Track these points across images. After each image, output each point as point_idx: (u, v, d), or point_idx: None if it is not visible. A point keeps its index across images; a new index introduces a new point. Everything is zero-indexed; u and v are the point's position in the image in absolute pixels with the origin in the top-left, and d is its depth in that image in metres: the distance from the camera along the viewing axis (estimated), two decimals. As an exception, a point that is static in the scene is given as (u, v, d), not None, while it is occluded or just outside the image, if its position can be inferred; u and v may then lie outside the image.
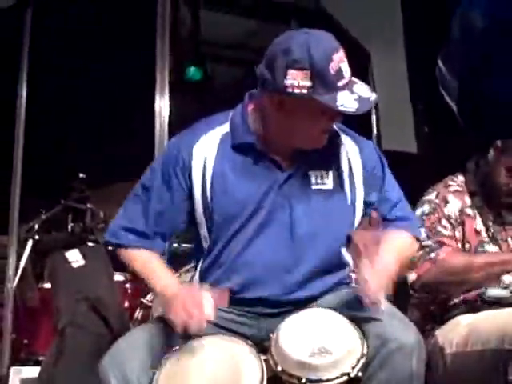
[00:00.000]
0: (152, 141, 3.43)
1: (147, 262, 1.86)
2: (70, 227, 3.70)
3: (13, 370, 2.52)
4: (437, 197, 2.32)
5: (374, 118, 4.23)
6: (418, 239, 1.96)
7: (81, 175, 3.77)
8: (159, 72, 3.23)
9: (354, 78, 1.76)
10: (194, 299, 1.66)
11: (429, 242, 2.22)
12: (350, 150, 1.91)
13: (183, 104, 4.59)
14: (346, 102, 1.70)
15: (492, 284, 2.21)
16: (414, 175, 2.74)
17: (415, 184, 2.42)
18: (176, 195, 1.87)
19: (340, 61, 1.71)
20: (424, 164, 4.13)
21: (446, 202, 2.31)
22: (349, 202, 1.87)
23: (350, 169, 1.89)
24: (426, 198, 2.35)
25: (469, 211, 2.32)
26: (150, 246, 1.88)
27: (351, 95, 1.71)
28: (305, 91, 1.70)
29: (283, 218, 1.83)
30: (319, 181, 1.86)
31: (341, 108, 1.70)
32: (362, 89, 1.74)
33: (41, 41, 3.77)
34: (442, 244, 2.22)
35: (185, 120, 2.01)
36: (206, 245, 1.89)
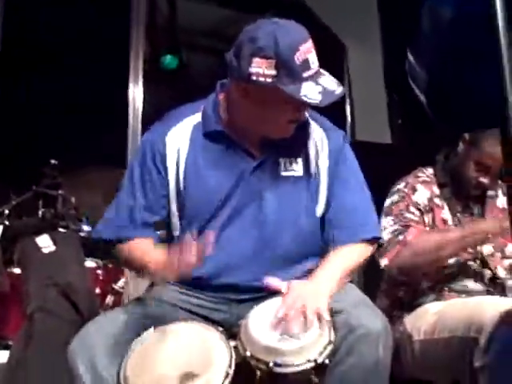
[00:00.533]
0: (125, 129, 3.41)
1: (146, 249, 1.85)
2: (40, 213, 3.67)
3: (-19, 354, 2.50)
4: (405, 186, 2.35)
5: (348, 108, 4.25)
6: (369, 241, 1.91)
7: (52, 161, 3.74)
8: (133, 60, 3.21)
9: (322, 70, 1.76)
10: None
11: (396, 226, 2.24)
12: (319, 139, 1.92)
13: (158, 92, 4.57)
14: (310, 93, 1.70)
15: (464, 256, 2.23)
16: (388, 166, 2.76)
17: (388, 175, 2.45)
18: (157, 185, 1.89)
19: (307, 51, 1.71)
20: (398, 155, 4.15)
21: (415, 190, 2.33)
22: (313, 190, 1.89)
23: (317, 158, 1.90)
24: (396, 187, 2.37)
25: (437, 201, 2.34)
26: (145, 236, 1.88)
27: (316, 86, 1.71)
28: (269, 80, 1.70)
29: (253, 205, 1.85)
30: (288, 167, 1.88)
31: (304, 98, 1.70)
32: (328, 81, 1.74)
33: (13, 25, 3.71)
34: (408, 227, 2.23)
35: (160, 108, 2.02)
36: (177, 232, 1.91)
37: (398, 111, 4.50)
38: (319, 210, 1.90)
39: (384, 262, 2.23)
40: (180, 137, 1.88)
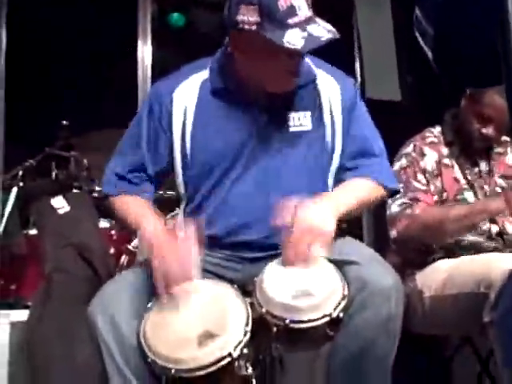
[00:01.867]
0: (135, 88, 3.41)
1: (139, 206, 1.85)
2: (53, 174, 3.70)
3: (1, 313, 2.55)
4: (414, 150, 2.35)
5: (357, 65, 4.20)
6: (384, 186, 1.89)
7: (64, 123, 3.75)
8: (141, 19, 3.18)
9: (315, 18, 1.72)
10: (177, 255, 1.67)
11: (405, 199, 2.25)
12: (331, 88, 1.89)
13: (166, 51, 4.54)
14: (293, 39, 1.66)
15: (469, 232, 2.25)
16: (399, 124, 2.76)
17: (399, 133, 2.45)
18: (161, 140, 1.88)
19: None
20: (408, 113, 4.13)
21: (423, 155, 2.33)
22: (328, 143, 1.87)
23: (331, 109, 1.87)
24: (404, 151, 2.37)
25: (446, 161, 2.35)
26: (140, 192, 1.89)
27: (301, 33, 1.67)
28: (253, 27, 1.69)
29: (263, 163, 1.84)
30: (297, 122, 1.86)
31: (286, 45, 1.66)
32: (317, 28, 1.69)
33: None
34: (416, 200, 2.25)
35: (168, 67, 2.00)
36: (184, 192, 1.92)
37: (408, 68, 4.44)
38: (334, 164, 1.89)
39: (393, 234, 2.26)
40: (187, 94, 1.86)
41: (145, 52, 3.19)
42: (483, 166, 2.39)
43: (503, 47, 1.02)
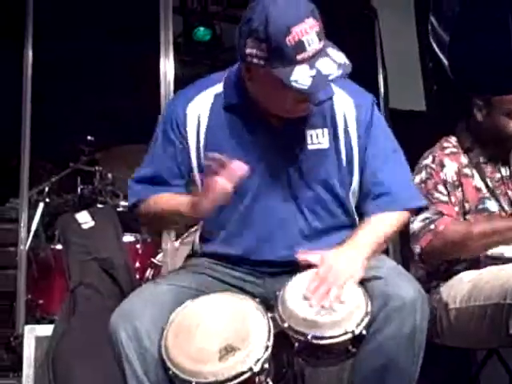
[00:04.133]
0: (158, 102, 3.43)
1: (170, 198, 1.84)
2: (79, 189, 3.75)
3: (27, 328, 2.57)
4: (433, 161, 2.32)
5: (380, 75, 4.17)
6: (409, 209, 1.87)
7: (89, 138, 3.80)
8: (163, 33, 3.20)
9: (326, 49, 1.67)
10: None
11: (428, 214, 2.22)
12: (346, 105, 1.86)
13: (192, 65, 4.57)
14: (301, 77, 1.62)
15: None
16: (423, 134, 2.73)
17: (424, 143, 2.43)
18: (178, 152, 1.88)
19: (302, 33, 1.62)
20: (432, 122, 4.10)
21: (443, 166, 2.30)
22: (344, 161, 1.85)
23: (346, 126, 1.85)
24: (423, 163, 2.34)
25: (466, 171, 2.32)
26: (166, 190, 1.87)
27: (309, 71, 1.63)
28: (262, 62, 1.66)
29: (279, 181, 1.83)
30: (315, 140, 1.84)
31: (293, 84, 1.63)
32: (327, 63, 1.65)
33: (45, 3, 3.75)
34: (440, 214, 2.22)
35: (194, 81, 2.00)
36: None
37: (432, 77, 4.41)
38: (354, 181, 1.87)
39: (417, 250, 2.24)
40: (201, 106, 1.86)
41: (167, 67, 3.19)
42: (504, 171, 2.36)
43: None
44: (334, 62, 1.66)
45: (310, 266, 1.74)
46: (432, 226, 2.21)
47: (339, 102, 1.87)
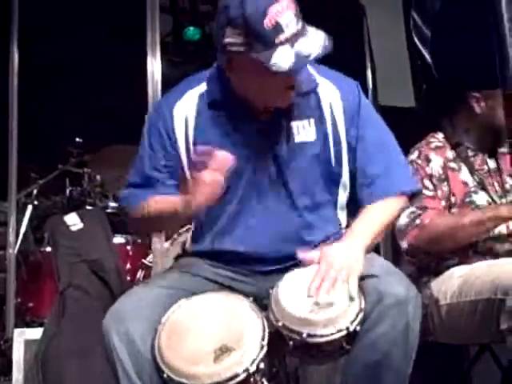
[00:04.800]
0: (145, 103, 3.42)
1: (162, 200, 1.81)
2: (67, 191, 3.73)
3: (16, 331, 2.57)
4: (419, 156, 2.33)
5: (369, 72, 4.18)
6: (405, 193, 1.87)
7: (77, 140, 3.79)
8: (150, 33, 3.19)
9: (305, 30, 1.66)
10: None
11: (413, 209, 2.22)
12: (332, 96, 1.85)
13: (182, 64, 4.55)
14: (282, 59, 1.62)
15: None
16: (413, 130, 2.73)
17: (414, 139, 2.43)
18: (167, 153, 1.87)
19: (278, 13, 1.61)
20: (422, 119, 4.10)
21: (428, 161, 2.31)
22: (332, 152, 1.84)
23: (333, 116, 1.84)
24: (409, 158, 2.35)
25: (453, 165, 2.33)
26: (158, 191, 1.85)
27: (289, 51, 1.62)
28: (242, 49, 1.65)
29: (268, 175, 1.82)
30: (302, 131, 1.83)
31: (273, 68, 1.62)
32: (307, 43, 1.64)
33: (30, 3, 3.72)
34: (424, 209, 2.23)
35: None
36: None
37: (421, 74, 4.42)
38: (344, 172, 1.86)
39: (404, 245, 2.25)
40: (187, 108, 1.85)
41: (154, 67, 3.18)
42: (492, 164, 2.37)
43: (499, 49, 1.01)
44: (314, 41, 1.65)
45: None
46: (418, 221, 2.22)
47: (325, 92, 1.85)
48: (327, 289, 1.61)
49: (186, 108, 1.86)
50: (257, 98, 1.79)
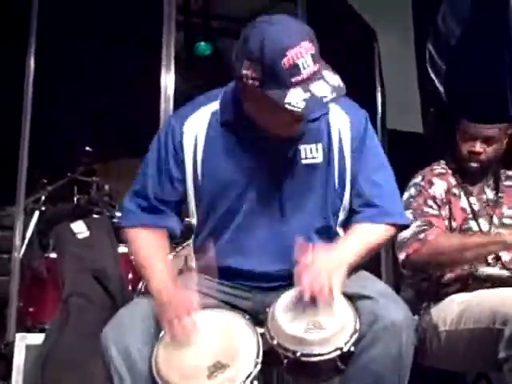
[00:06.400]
0: (157, 116, 3.46)
1: (152, 251, 1.85)
2: (75, 199, 3.75)
3: (18, 336, 2.57)
4: (422, 180, 2.37)
5: (379, 96, 4.21)
6: (393, 224, 1.89)
7: (87, 148, 3.81)
8: (165, 47, 3.23)
9: (321, 71, 1.68)
10: (181, 312, 1.68)
11: (418, 222, 2.25)
12: (341, 122, 1.88)
13: (192, 79, 4.59)
14: (295, 100, 1.63)
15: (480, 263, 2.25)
16: (420, 156, 2.76)
17: (421, 165, 2.46)
18: (173, 174, 1.88)
19: (297, 55, 1.63)
20: (429, 145, 4.12)
21: (431, 184, 2.35)
22: (336, 176, 1.87)
23: (340, 142, 1.87)
24: (413, 181, 2.39)
25: (455, 191, 2.36)
26: (160, 224, 1.88)
27: (304, 94, 1.64)
28: (257, 83, 1.67)
29: (273, 195, 1.84)
30: (309, 155, 1.85)
31: (287, 106, 1.63)
32: (321, 87, 1.66)
33: (48, 14, 3.78)
34: (430, 224, 2.25)
35: (193, 96, 2.01)
36: (195, 221, 1.93)
37: (430, 100, 4.45)
38: (346, 196, 1.88)
39: (402, 256, 2.26)
40: (197, 126, 1.87)
41: (168, 81, 3.23)
42: (490, 194, 2.39)
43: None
44: (329, 84, 1.67)
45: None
46: (422, 236, 2.24)
47: (335, 118, 1.89)
48: (310, 303, 1.63)
49: (197, 125, 1.88)
50: (267, 127, 1.81)
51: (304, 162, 1.85)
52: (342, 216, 1.91)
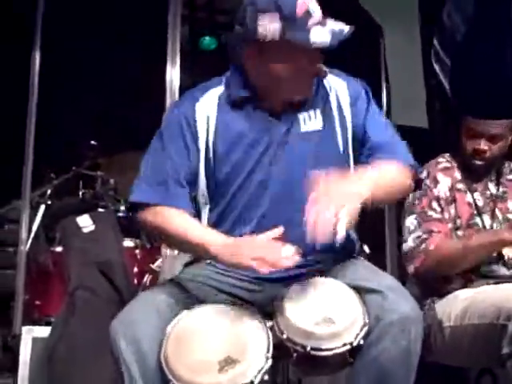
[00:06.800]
0: (162, 110, 3.46)
1: (183, 220, 1.81)
2: (80, 193, 3.77)
3: (24, 329, 2.59)
4: (427, 177, 2.35)
5: (384, 92, 4.20)
6: (408, 164, 1.88)
7: (92, 142, 3.82)
8: (171, 42, 3.23)
9: (326, 18, 1.77)
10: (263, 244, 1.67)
11: (419, 233, 2.26)
12: (337, 86, 1.92)
13: (197, 73, 4.59)
14: (319, 37, 1.73)
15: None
16: (425, 151, 2.76)
17: (426, 160, 2.45)
18: (189, 152, 1.88)
19: (306, 3, 1.75)
20: (435, 140, 4.12)
21: (436, 183, 2.34)
22: (339, 139, 1.88)
23: (339, 105, 1.90)
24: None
25: (460, 186, 2.36)
26: (179, 205, 1.85)
27: (323, 28, 1.74)
28: (277, 34, 1.74)
29: (280, 170, 1.85)
30: (308, 122, 1.88)
31: (314, 45, 1.73)
32: (335, 24, 1.76)
33: (54, 9, 3.78)
34: (430, 233, 2.25)
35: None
36: (207, 201, 1.91)
37: (436, 95, 4.44)
38: (351, 156, 1.90)
39: (410, 269, 2.27)
40: (208, 108, 1.89)
41: (173, 75, 3.23)
42: (494, 189, 2.39)
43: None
44: (339, 23, 1.77)
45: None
46: (423, 246, 2.24)
47: (331, 82, 1.92)
48: (323, 209, 1.57)
49: (208, 107, 1.90)
50: (281, 89, 1.84)
51: (303, 129, 1.87)
52: None
